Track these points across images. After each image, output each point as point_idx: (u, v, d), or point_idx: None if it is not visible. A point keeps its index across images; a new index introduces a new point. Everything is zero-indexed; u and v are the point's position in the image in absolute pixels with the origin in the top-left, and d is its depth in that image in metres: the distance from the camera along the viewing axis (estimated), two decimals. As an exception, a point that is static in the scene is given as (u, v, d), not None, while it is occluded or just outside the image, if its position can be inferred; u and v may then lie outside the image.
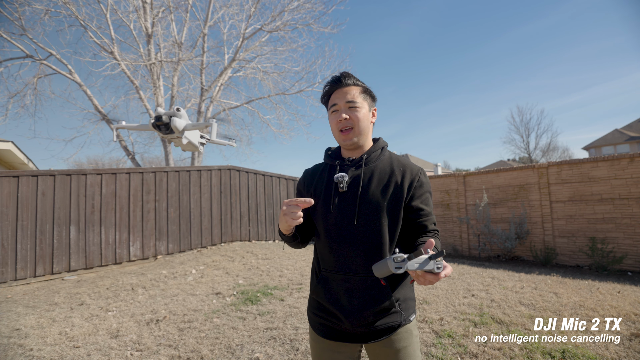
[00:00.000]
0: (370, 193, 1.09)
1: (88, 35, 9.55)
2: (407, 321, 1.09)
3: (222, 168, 7.79)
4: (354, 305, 1.05)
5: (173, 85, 10.49)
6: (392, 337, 1.07)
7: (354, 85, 1.14)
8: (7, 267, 5.11)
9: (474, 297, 3.72)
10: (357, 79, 1.15)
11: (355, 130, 1.12)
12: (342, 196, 1.11)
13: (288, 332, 2.95)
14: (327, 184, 1.16)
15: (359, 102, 1.12)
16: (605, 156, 5.87)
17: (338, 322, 1.09)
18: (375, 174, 1.12)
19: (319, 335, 1.14)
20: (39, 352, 2.71)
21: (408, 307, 1.11)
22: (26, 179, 5.40)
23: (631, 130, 31.96)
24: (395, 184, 1.09)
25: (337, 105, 1.13)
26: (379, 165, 1.14)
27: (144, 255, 6.42)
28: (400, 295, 1.09)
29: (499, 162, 38.42)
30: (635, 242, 5.49)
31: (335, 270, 1.10)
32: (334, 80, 1.15)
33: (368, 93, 1.17)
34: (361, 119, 1.12)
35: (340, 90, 1.14)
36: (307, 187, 1.23)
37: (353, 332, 1.08)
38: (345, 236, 1.08)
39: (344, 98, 1.12)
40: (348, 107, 1.12)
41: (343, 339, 1.09)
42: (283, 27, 10.25)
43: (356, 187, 1.10)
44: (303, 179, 1.27)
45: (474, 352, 2.47)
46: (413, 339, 1.09)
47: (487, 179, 7.38)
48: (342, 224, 1.09)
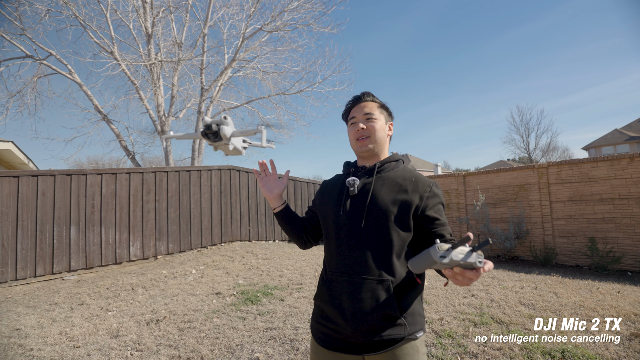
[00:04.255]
0: (380, 198, 1.11)
1: (88, 35, 9.55)
2: (412, 337, 1.04)
3: (222, 168, 7.79)
4: (356, 309, 1.04)
5: (173, 85, 10.49)
6: (395, 351, 1.03)
7: (372, 101, 1.23)
8: (7, 267, 5.11)
9: (473, 297, 3.72)
10: (375, 97, 1.25)
11: (371, 138, 1.18)
12: (352, 199, 1.15)
13: (288, 332, 2.96)
14: (340, 188, 1.22)
15: (375, 115, 1.20)
16: (605, 156, 5.87)
17: (340, 330, 1.07)
18: (387, 182, 1.15)
19: (320, 345, 1.12)
20: (39, 352, 2.71)
21: (415, 322, 1.06)
22: (26, 179, 5.40)
23: (631, 130, 31.96)
24: (405, 193, 1.11)
25: (355, 118, 1.22)
26: (391, 175, 1.17)
27: (144, 255, 6.42)
28: (408, 307, 1.06)
29: (499, 162, 38.43)
30: (635, 242, 5.49)
31: (339, 272, 1.10)
32: (354, 98, 1.25)
33: (385, 108, 1.25)
34: (377, 129, 1.19)
35: (359, 105, 1.23)
36: (321, 194, 1.30)
37: (354, 341, 1.05)
38: (351, 238, 1.10)
39: (362, 111, 1.21)
40: (366, 119, 1.20)
41: (344, 350, 1.07)
42: (283, 27, 10.24)
43: (366, 192, 1.14)
44: (320, 188, 1.35)
45: (474, 352, 2.47)
46: (419, 356, 1.05)
47: (487, 179, 7.38)
48: (350, 226, 1.11)
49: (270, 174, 1.33)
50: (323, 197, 1.28)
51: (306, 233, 1.32)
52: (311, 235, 1.32)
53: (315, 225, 1.31)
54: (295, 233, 1.31)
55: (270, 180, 1.31)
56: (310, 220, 1.32)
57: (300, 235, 1.31)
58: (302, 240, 1.32)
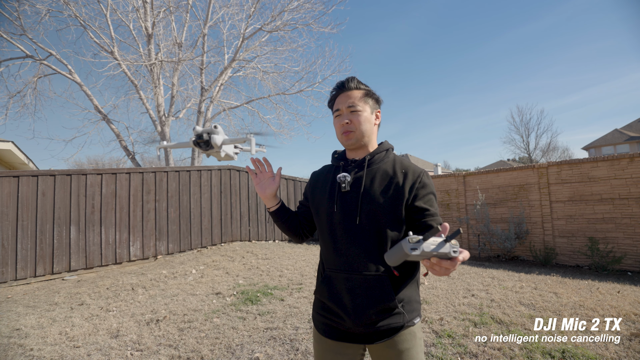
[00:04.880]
0: (372, 193, 1.10)
1: (88, 35, 9.55)
2: (410, 323, 1.08)
3: (222, 168, 7.79)
4: (356, 305, 1.06)
5: (173, 85, 10.49)
6: (395, 338, 1.06)
7: (356, 89, 1.18)
8: (7, 267, 5.11)
9: (473, 297, 3.72)
10: (360, 83, 1.19)
11: (356, 132, 1.16)
12: (344, 196, 1.14)
13: (288, 332, 2.96)
14: (332, 184, 1.20)
15: (360, 106, 1.16)
16: (605, 156, 5.87)
17: (341, 322, 1.10)
18: (378, 175, 1.13)
19: (322, 335, 1.15)
20: (39, 352, 2.71)
21: (412, 309, 1.10)
22: (26, 179, 5.40)
23: (631, 130, 31.96)
24: (396, 185, 1.10)
25: (340, 110, 1.18)
26: (381, 167, 1.16)
27: (144, 255, 6.42)
28: (405, 296, 1.08)
29: (499, 162, 38.42)
30: (635, 242, 5.49)
31: (338, 270, 1.11)
32: (338, 85, 1.21)
33: (370, 96, 1.20)
34: (362, 122, 1.15)
35: (344, 94, 1.18)
36: (312, 189, 1.28)
37: (355, 332, 1.08)
38: (347, 235, 1.10)
39: (345, 102, 1.17)
40: (350, 112, 1.16)
41: (346, 339, 1.10)
42: (283, 27, 10.24)
43: (358, 187, 1.13)
44: (309, 181, 1.33)
45: (474, 352, 2.47)
46: (417, 341, 1.09)
47: (487, 179, 7.38)
48: (345, 223, 1.11)
49: (266, 172, 1.30)
50: (314, 191, 1.26)
51: (302, 228, 1.32)
52: (307, 230, 1.32)
53: (310, 219, 1.31)
54: (292, 231, 1.31)
55: (264, 179, 1.29)
56: (304, 214, 1.32)
57: (297, 232, 1.31)
58: (299, 236, 1.32)
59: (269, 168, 1.31)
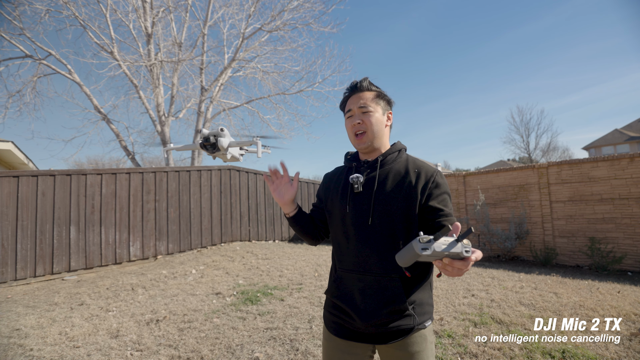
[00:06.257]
0: (385, 194, 1.10)
1: (88, 35, 9.55)
2: (421, 326, 1.07)
3: (222, 168, 7.79)
4: (367, 305, 1.06)
5: (173, 85, 10.50)
6: (405, 340, 1.05)
7: (368, 90, 1.17)
8: (7, 267, 5.11)
9: (474, 297, 3.72)
10: (372, 84, 1.19)
11: (368, 134, 1.15)
12: (357, 197, 1.14)
13: (288, 332, 2.96)
14: (344, 185, 1.20)
15: (371, 107, 1.15)
16: (605, 156, 5.87)
17: (351, 321, 1.10)
18: (390, 175, 1.13)
19: (332, 334, 1.15)
20: (39, 352, 2.70)
21: (424, 312, 1.08)
22: (26, 179, 5.39)
23: (631, 130, 31.95)
24: (409, 185, 1.09)
25: (351, 110, 1.18)
26: (394, 167, 1.15)
27: (144, 255, 6.42)
28: (416, 298, 1.07)
29: (499, 162, 38.40)
30: (635, 242, 5.49)
31: (350, 270, 1.11)
32: (350, 87, 1.20)
33: (382, 97, 1.19)
34: (374, 122, 1.15)
35: (355, 95, 1.18)
36: (325, 190, 1.28)
37: (365, 332, 1.08)
38: (360, 236, 1.10)
39: (357, 103, 1.16)
40: (361, 112, 1.16)
41: (355, 339, 1.10)
42: (283, 27, 10.24)
43: (371, 188, 1.12)
44: (322, 182, 1.33)
45: (474, 352, 2.47)
46: (427, 345, 1.07)
47: (487, 179, 7.38)
48: (358, 224, 1.11)
49: (282, 177, 1.25)
50: (327, 192, 1.26)
51: (318, 231, 1.30)
52: (323, 232, 1.31)
53: (324, 220, 1.30)
54: (309, 234, 1.29)
55: (281, 185, 1.24)
56: (319, 216, 1.31)
57: (314, 235, 1.30)
58: (316, 239, 1.31)
59: (285, 173, 1.26)
